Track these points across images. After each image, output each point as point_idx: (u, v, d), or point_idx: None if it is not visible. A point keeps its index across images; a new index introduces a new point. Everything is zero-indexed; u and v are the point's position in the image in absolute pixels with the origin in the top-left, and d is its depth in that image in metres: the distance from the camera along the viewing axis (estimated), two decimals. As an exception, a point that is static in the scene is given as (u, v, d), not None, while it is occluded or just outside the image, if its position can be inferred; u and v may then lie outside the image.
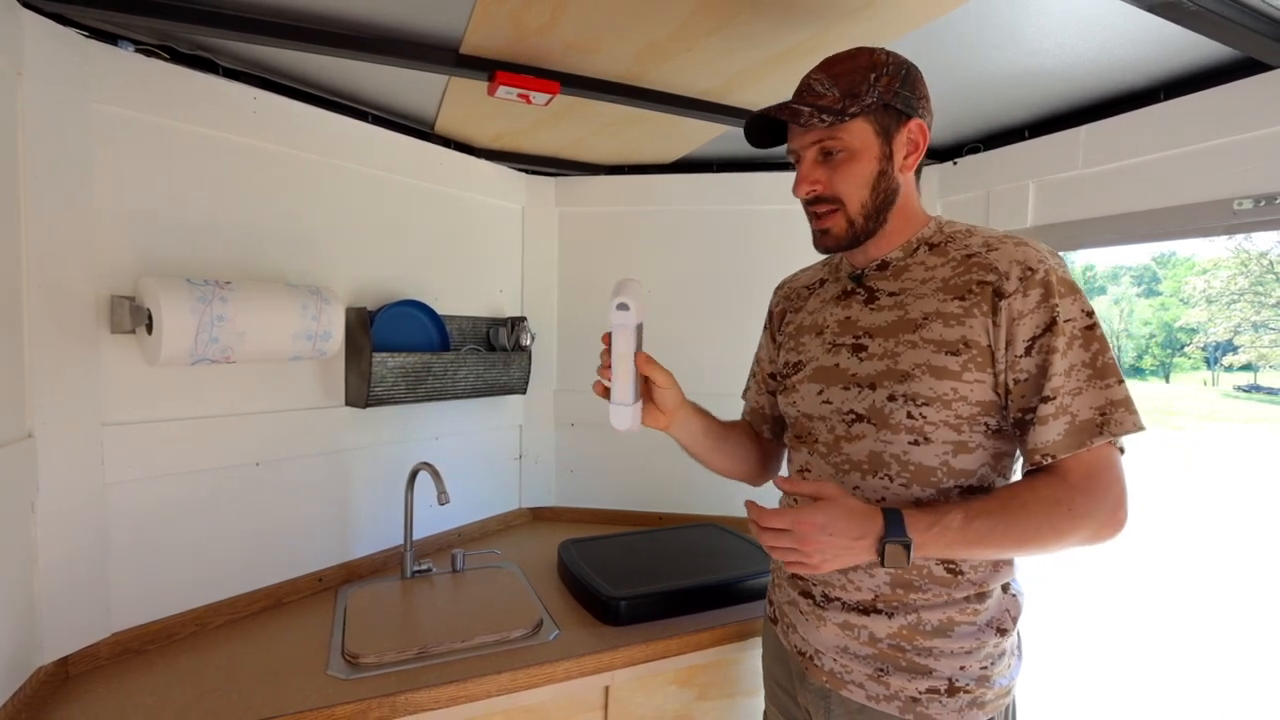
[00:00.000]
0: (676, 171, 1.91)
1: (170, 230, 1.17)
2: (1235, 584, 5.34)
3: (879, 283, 0.91)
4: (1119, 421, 0.75)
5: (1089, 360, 0.76)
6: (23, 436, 0.97)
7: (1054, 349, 0.76)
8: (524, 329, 1.78)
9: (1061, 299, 0.77)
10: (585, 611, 1.33)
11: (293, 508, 1.38)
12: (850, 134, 0.84)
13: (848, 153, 0.84)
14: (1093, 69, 1.22)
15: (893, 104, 0.83)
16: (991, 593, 0.83)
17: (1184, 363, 33.79)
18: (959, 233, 0.88)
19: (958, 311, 0.81)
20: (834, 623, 0.88)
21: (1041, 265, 0.78)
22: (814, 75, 0.87)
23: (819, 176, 0.87)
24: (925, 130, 0.86)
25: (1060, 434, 0.76)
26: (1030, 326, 0.77)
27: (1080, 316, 0.77)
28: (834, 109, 0.82)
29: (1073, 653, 3.82)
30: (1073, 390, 0.76)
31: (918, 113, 0.85)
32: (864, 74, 0.83)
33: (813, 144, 0.86)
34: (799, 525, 0.75)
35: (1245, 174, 1.16)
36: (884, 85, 0.83)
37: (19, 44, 0.95)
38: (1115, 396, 0.75)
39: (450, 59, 1.19)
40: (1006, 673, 0.84)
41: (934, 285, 0.85)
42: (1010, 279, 0.78)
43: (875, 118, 0.84)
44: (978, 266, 0.82)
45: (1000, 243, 0.83)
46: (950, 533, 0.75)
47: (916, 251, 0.89)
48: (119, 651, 1.12)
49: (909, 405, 0.82)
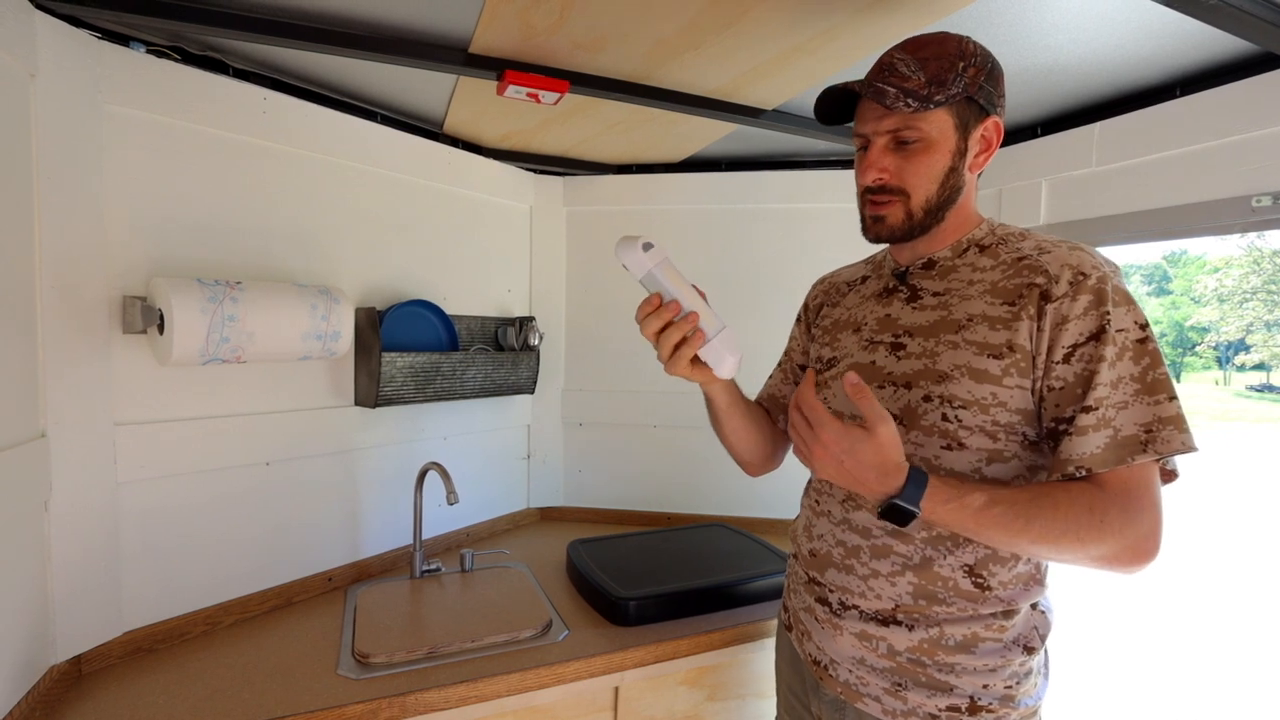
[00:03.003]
0: (685, 170, 1.90)
1: (181, 230, 1.18)
2: (1256, 591, 5.28)
3: (924, 281, 0.88)
4: (1166, 440, 0.69)
5: (1139, 374, 0.71)
6: (36, 436, 0.98)
7: (1101, 358, 0.71)
8: (532, 329, 1.77)
9: (1115, 307, 0.73)
10: (594, 612, 1.32)
11: (302, 507, 1.39)
12: (930, 124, 0.79)
13: (924, 143, 0.80)
14: (1107, 65, 1.21)
15: (975, 98, 0.79)
16: (1019, 610, 0.80)
17: (1195, 362, 33.48)
18: (1011, 235, 0.84)
19: (1005, 315, 0.77)
20: (850, 632, 0.85)
21: (1095, 271, 0.74)
22: (898, 55, 0.81)
23: (887, 164, 0.82)
24: (1000, 130, 0.83)
25: (1100, 447, 0.71)
26: (1074, 333, 0.73)
27: (1133, 328, 0.72)
28: (919, 95, 0.77)
29: (1102, 671, 3.74)
30: (1118, 404, 0.71)
31: (996, 110, 0.82)
32: (952, 61, 0.78)
33: (888, 130, 0.81)
34: (824, 434, 0.71)
35: (1264, 170, 1.15)
36: (970, 77, 0.78)
37: (32, 46, 0.96)
38: (1165, 413, 0.70)
39: (459, 59, 1.19)
40: (1033, 693, 0.81)
41: (982, 287, 0.81)
42: (1060, 282, 0.75)
43: (957, 110, 0.79)
44: (1028, 269, 0.78)
45: (1054, 246, 0.79)
46: (967, 512, 0.71)
47: (966, 252, 0.86)
48: (131, 650, 1.13)
49: (945, 407, 0.79)
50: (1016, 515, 0.71)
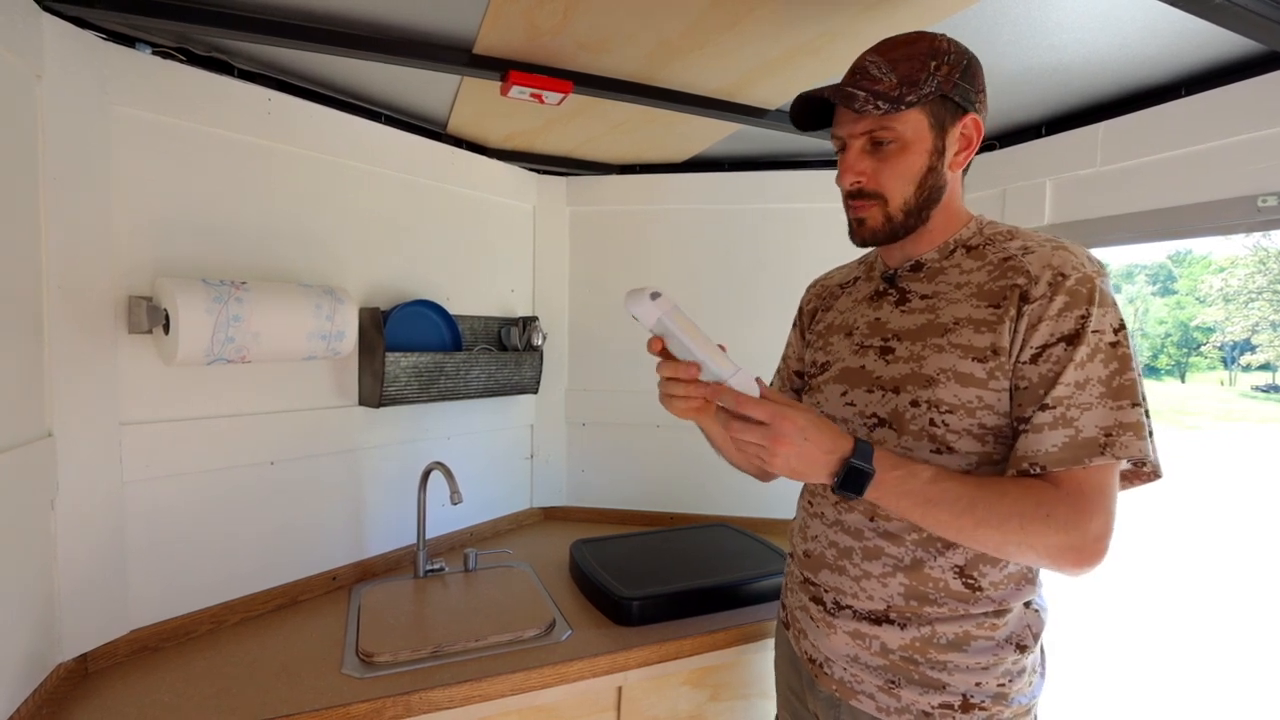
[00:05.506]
0: (688, 171, 1.90)
1: (186, 231, 1.18)
2: (1259, 591, 5.26)
3: (912, 284, 0.87)
4: (1124, 445, 0.69)
5: (1106, 377, 0.71)
6: (43, 435, 0.98)
7: (1070, 359, 0.71)
8: (535, 329, 1.78)
9: (1092, 309, 0.72)
10: (597, 611, 1.33)
11: (307, 507, 1.39)
12: (904, 124, 0.79)
13: (899, 144, 0.80)
14: (1112, 64, 1.21)
15: (950, 96, 0.79)
16: (1012, 609, 0.80)
17: (1200, 362, 33.35)
18: (999, 235, 0.84)
19: (990, 318, 0.77)
20: (844, 631, 0.86)
21: (1076, 272, 0.74)
22: (870, 58, 0.81)
23: (864, 168, 0.82)
24: (980, 127, 0.82)
25: (1057, 445, 0.71)
26: (1045, 334, 0.73)
27: (1107, 330, 0.72)
28: (890, 96, 0.77)
29: (1100, 670, 3.74)
30: (1082, 404, 0.71)
31: (974, 107, 0.81)
32: (924, 61, 0.78)
33: (863, 132, 0.81)
34: (780, 422, 0.71)
35: (1270, 170, 1.14)
36: (944, 75, 0.78)
37: (39, 47, 0.96)
38: (1126, 419, 0.70)
39: (463, 59, 1.19)
40: (1027, 690, 0.81)
41: (968, 290, 0.81)
42: (1039, 283, 0.75)
43: (931, 109, 0.79)
44: (1012, 270, 0.78)
45: (1039, 246, 0.78)
46: (914, 482, 0.72)
47: (953, 254, 0.85)
48: (137, 649, 1.14)
49: (932, 411, 0.79)
50: (963, 494, 0.72)
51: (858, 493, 0.73)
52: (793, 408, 0.74)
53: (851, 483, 0.73)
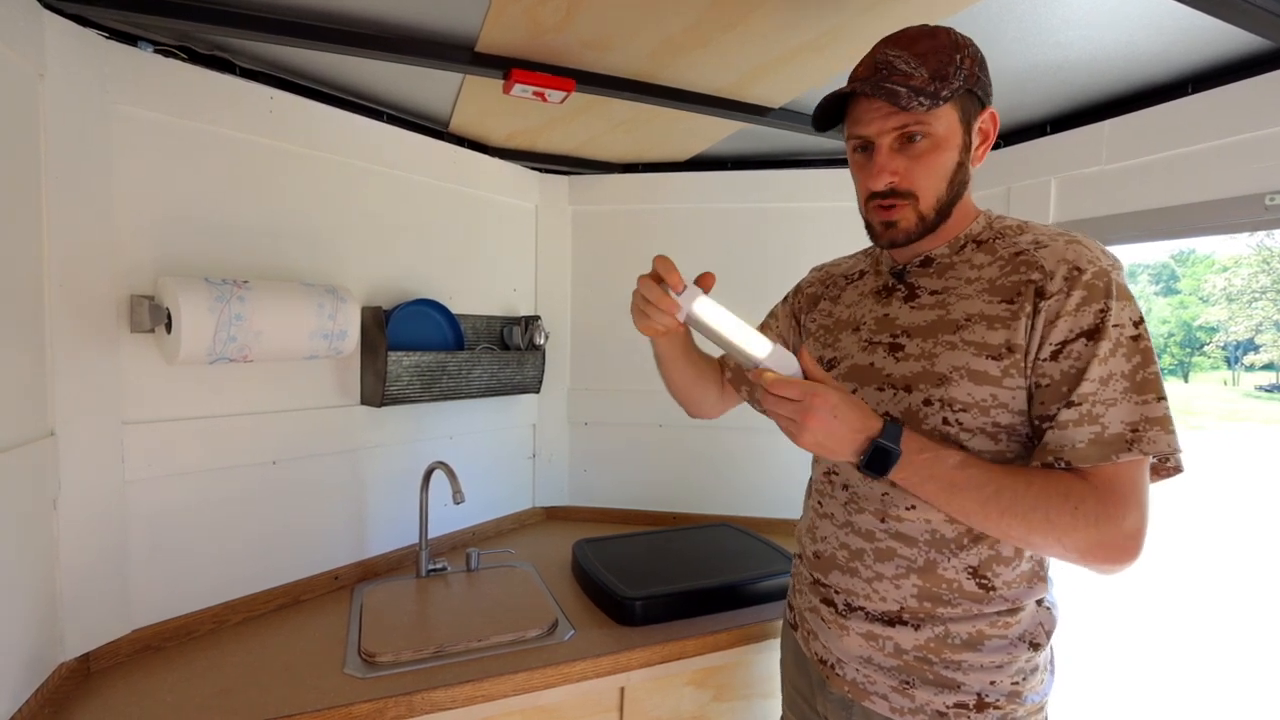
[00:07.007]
0: (690, 169, 1.90)
1: (188, 230, 1.18)
2: (1263, 591, 5.24)
3: (921, 280, 0.86)
4: (1152, 440, 0.68)
5: (1129, 372, 0.70)
6: (45, 434, 0.98)
7: (1093, 355, 0.70)
8: (538, 328, 1.77)
9: (1110, 302, 0.71)
10: (600, 611, 1.32)
11: (309, 506, 1.39)
12: (939, 120, 0.76)
13: (932, 141, 0.77)
14: (1118, 61, 1.20)
15: (974, 90, 0.77)
16: (1025, 607, 0.79)
17: (1203, 362, 33.26)
18: (1009, 229, 0.82)
19: (1004, 314, 0.76)
20: (857, 633, 0.85)
21: (1092, 266, 0.72)
22: (892, 51, 0.78)
23: (898, 167, 0.79)
24: (996, 120, 0.82)
25: (1084, 442, 0.70)
26: (1064, 329, 0.72)
27: (1127, 324, 0.71)
28: (928, 91, 0.74)
29: (1109, 668, 3.72)
30: (1106, 400, 0.69)
31: (990, 101, 0.81)
32: (949, 54, 0.76)
33: (895, 130, 0.78)
34: (813, 399, 0.72)
35: (1277, 168, 1.13)
36: (969, 68, 0.76)
37: (40, 46, 0.96)
38: (1152, 414, 0.69)
39: (466, 57, 1.19)
40: (1039, 688, 0.80)
41: (980, 286, 0.79)
42: (1055, 278, 0.73)
43: (961, 104, 0.78)
44: (1025, 265, 0.76)
45: (1051, 240, 0.77)
46: (940, 466, 0.72)
47: (964, 249, 0.84)
48: (139, 648, 1.13)
49: (945, 410, 0.78)
50: (989, 481, 0.71)
51: (882, 473, 0.73)
52: (826, 384, 0.74)
53: (877, 463, 0.73)
